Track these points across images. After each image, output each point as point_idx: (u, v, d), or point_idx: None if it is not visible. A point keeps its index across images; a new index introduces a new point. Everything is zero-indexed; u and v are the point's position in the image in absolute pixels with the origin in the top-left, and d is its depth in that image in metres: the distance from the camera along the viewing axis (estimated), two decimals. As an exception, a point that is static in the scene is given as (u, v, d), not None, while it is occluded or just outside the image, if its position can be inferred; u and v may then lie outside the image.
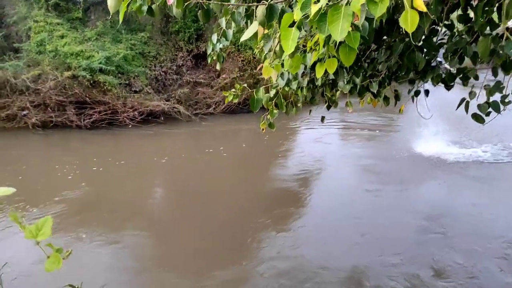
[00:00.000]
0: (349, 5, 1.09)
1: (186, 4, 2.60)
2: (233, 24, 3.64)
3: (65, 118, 12.34)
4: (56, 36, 12.81)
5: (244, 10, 3.58)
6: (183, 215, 7.16)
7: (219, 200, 7.75)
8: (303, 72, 3.71)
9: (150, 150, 11.16)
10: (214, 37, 3.73)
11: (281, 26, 1.75)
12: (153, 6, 2.41)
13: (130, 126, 12.64)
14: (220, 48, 3.90)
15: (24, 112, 12.17)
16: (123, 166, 9.52)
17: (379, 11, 1.07)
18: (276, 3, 2.10)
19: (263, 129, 3.80)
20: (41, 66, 11.90)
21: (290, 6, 2.26)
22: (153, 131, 12.64)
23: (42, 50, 12.46)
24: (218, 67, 4.15)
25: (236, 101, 3.87)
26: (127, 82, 12.95)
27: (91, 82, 12.10)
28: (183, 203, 7.73)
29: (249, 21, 4.17)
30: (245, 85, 3.86)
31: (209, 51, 4.04)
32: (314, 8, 1.19)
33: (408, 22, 1.08)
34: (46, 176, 8.95)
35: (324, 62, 2.00)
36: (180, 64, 15.11)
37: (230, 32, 3.57)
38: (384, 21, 2.44)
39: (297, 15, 1.56)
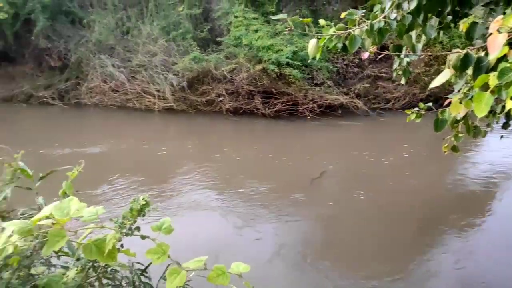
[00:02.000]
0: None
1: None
2: (423, 37, 3.58)
3: (252, 106, 13.71)
4: (252, 31, 14.13)
5: (438, 22, 3.49)
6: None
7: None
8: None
9: (327, 142, 11.64)
10: (403, 53, 3.69)
11: (475, 84, 1.77)
12: (347, 43, 2.61)
13: (309, 117, 13.27)
14: (408, 62, 3.86)
15: (220, 98, 13.97)
16: (301, 156, 10.18)
17: None
18: (471, 49, 2.07)
19: (445, 152, 3.67)
20: (237, 59, 13.42)
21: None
22: (331, 124, 13.02)
23: (239, 43, 13.96)
24: (403, 81, 4.11)
25: (419, 120, 3.80)
26: (310, 75, 13.58)
27: (278, 74, 13.10)
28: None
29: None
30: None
31: (395, 66, 4.05)
32: (509, 104, 1.22)
33: None
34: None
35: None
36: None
37: (419, 46, 3.52)
38: None
39: (492, 81, 1.56)
